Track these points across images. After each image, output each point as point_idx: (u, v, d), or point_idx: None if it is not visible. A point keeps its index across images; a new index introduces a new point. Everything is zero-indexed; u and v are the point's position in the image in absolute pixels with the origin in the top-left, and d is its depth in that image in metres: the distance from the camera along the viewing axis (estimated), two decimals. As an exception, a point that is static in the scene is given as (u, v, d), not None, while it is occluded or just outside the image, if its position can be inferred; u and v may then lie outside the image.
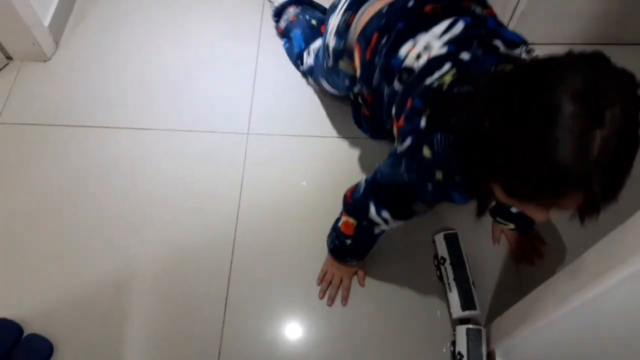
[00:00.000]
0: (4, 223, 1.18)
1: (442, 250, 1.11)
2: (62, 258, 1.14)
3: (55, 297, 1.09)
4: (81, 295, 1.10)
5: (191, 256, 1.14)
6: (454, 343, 1.04)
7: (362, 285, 1.12)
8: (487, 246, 1.16)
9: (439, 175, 0.75)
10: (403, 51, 0.82)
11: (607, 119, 0.52)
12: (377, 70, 0.88)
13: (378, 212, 0.88)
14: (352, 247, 1.02)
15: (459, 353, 1.00)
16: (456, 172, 0.73)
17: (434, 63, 0.77)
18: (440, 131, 0.72)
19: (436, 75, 0.76)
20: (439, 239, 1.12)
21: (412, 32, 0.82)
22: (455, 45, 0.77)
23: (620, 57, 0.56)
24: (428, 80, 0.76)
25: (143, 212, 1.19)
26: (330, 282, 1.11)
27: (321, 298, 1.10)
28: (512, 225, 1.12)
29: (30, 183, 1.22)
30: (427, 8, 0.83)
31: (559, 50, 0.57)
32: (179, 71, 1.41)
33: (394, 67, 0.83)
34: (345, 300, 1.10)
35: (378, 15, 0.90)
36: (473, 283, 1.06)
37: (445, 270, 1.09)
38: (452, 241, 1.11)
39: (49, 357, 1.03)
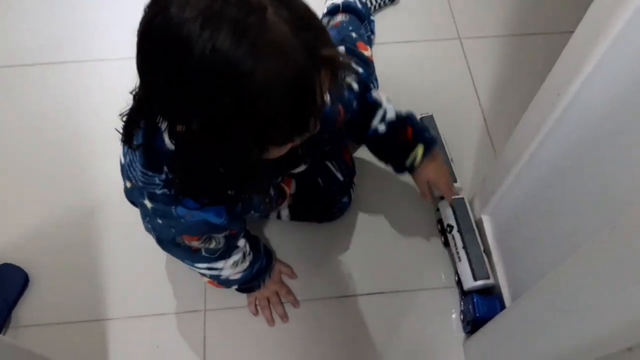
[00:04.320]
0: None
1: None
2: (29, 186, 1.10)
3: (26, 226, 1.05)
4: (53, 222, 1.05)
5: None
6: (440, 221, 1.03)
7: (294, 277, 0.99)
8: (462, 126, 1.16)
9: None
10: None
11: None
12: None
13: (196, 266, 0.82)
14: (245, 277, 0.89)
15: (449, 225, 0.99)
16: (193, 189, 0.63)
17: None
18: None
19: None
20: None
21: None
22: None
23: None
24: None
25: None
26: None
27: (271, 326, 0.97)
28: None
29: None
30: None
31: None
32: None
33: None
34: (284, 318, 0.96)
35: None
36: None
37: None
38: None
39: (25, 285, 0.99)
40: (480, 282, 0.94)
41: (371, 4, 1.26)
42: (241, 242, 0.85)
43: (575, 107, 0.66)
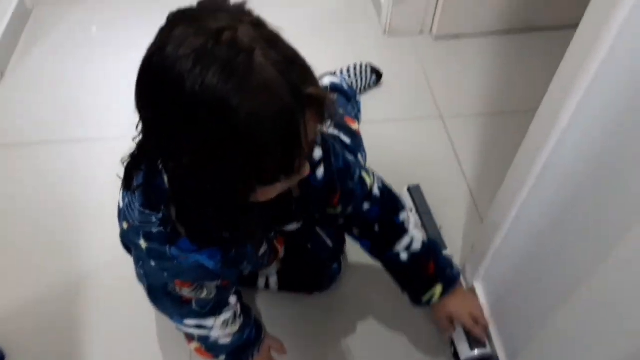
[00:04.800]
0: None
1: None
2: (8, 264, 1.08)
3: (5, 303, 1.02)
4: (31, 301, 1.03)
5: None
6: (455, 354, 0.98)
7: (284, 353, 0.95)
8: (448, 197, 1.17)
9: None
10: None
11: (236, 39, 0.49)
12: None
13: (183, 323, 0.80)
14: (234, 343, 0.86)
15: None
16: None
17: None
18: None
19: None
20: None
21: None
22: None
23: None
24: None
25: (92, 211, 1.16)
26: None
27: None
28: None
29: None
30: None
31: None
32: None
33: None
34: None
35: None
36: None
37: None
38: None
39: (0, 363, 0.94)
40: (476, 352, 0.91)
41: (357, 85, 1.34)
42: (232, 300, 0.83)
43: (553, 163, 0.69)
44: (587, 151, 0.62)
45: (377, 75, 1.37)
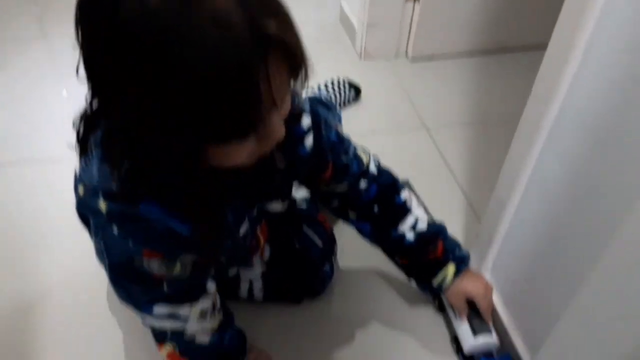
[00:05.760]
0: None
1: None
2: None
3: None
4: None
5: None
6: (456, 339, 0.88)
7: None
8: (441, 198, 1.10)
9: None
10: None
11: None
12: None
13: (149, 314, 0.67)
14: (213, 346, 0.73)
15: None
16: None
17: None
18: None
19: None
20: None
21: None
22: None
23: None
24: None
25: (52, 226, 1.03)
26: None
27: None
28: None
29: None
30: None
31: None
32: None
33: None
34: None
35: None
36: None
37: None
38: None
39: None
40: (480, 338, 0.80)
41: (336, 100, 1.30)
42: (211, 287, 0.71)
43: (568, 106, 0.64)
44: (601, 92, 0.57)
45: (356, 90, 1.34)
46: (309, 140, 0.69)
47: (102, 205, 0.57)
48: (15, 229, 1.04)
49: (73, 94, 1.35)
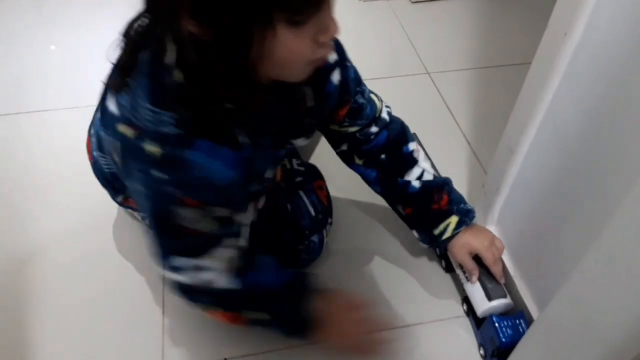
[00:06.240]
0: None
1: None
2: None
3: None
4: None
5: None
6: (466, 299, 0.85)
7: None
8: (445, 149, 1.07)
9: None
10: None
11: None
12: None
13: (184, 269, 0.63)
14: (279, 316, 0.68)
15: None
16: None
17: None
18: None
19: None
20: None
21: None
22: None
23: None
24: None
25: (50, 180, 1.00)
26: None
27: None
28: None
29: None
30: None
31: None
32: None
33: None
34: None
35: None
36: None
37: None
38: None
39: None
40: (495, 303, 0.78)
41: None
42: (242, 241, 0.67)
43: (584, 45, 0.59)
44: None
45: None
46: (335, 76, 0.70)
47: (155, 149, 0.55)
48: (7, 181, 1.01)
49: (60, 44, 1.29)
